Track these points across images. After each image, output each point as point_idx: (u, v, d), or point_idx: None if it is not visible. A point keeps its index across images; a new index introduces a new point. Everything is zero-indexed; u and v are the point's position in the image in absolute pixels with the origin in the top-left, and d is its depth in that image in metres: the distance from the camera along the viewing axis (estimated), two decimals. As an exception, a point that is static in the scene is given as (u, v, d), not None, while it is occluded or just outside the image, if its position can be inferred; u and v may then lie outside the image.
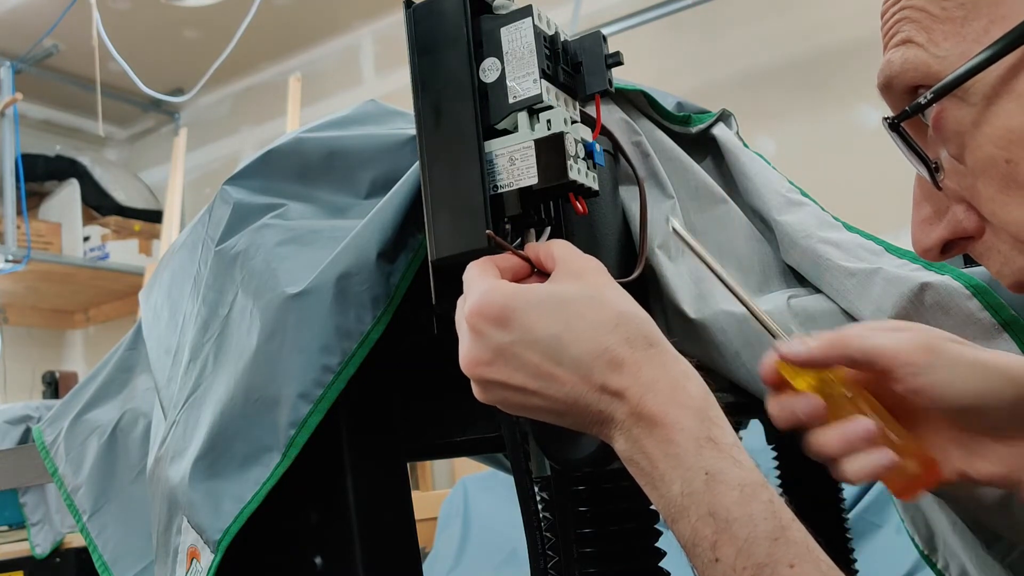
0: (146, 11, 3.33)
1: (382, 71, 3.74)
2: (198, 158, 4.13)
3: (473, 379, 0.52)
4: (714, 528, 0.44)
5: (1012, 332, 0.56)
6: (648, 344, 0.49)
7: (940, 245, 0.49)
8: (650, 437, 0.47)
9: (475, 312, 0.50)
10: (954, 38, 0.45)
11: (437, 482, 3.29)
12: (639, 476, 0.48)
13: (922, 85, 0.46)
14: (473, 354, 0.50)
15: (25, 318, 4.16)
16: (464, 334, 0.51)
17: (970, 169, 0.46)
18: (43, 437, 0.99)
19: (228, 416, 0.65)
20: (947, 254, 0.50)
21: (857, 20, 2.54)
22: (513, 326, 0.49)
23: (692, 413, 0.47)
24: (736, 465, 0.46)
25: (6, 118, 3.44)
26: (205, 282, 0.75)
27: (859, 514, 1.77)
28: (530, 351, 0.49)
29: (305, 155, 0.76)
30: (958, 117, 0.45)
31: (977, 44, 0.44)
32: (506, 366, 0.50)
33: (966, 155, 0.46)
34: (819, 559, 0.44)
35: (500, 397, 0.51)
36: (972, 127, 0.45)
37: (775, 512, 0.44)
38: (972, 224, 0.48)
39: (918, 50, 0.46)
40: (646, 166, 0.70)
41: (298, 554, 0.67)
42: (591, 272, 0.52)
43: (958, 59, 0.44)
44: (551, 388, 0.49)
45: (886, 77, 0.48)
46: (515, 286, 0.51)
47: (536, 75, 0.57)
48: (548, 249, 0.54)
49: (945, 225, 0.49)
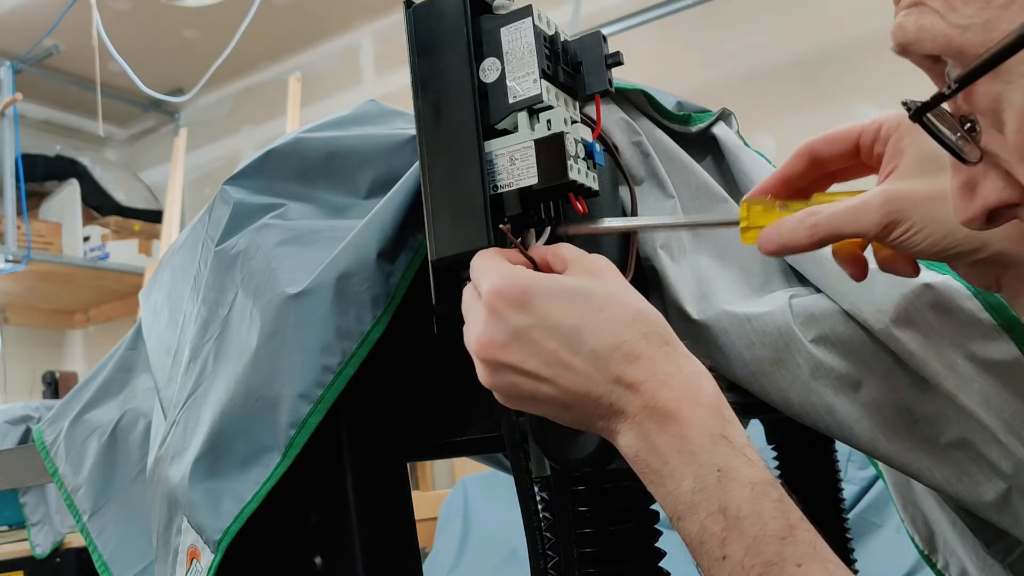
0: (146, 11, 3.34)
1: (382, 71, 3.74)
2: (198, 158, 4.13)
3: (483, 361, 0.51)
4: (724, 525, 0.44)
5: (1013, 334, 0.56)
6: (664, 342, 0.49)
7: (985, 214, 0.43)
8: (662, 432, 0.47)
9: (496, 293, 0.50)
10: (976, 2, 0.38)
11: (437, 482, 3.29)
12: (645, 472, 0.48)
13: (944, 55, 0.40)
14: (488, 335, 0.50)
15: (25, 318, 4.16)
16: (479, 315, 0.51)
17: (1012, 148, 0.40)
18: (43, 437, 0.99)
19: (228, 416, 0.65)
20: (994, 223, 0.44)
21: (858, 19, 2.54)
22: (533, 310, 0.49)
23: (706, 410, 0.47)
24: (748, 463, 0.45)
25: (6, 118, 3.44)
26: (205, 282, 0.75)
27: (859, 514, 1.77)
28: (548, 337, 0.49)
29: (305, 155, 0.76)
30: (992, 95, 0.39)
31: (1007, 10, 0.37)
32: (521, 350, 0.49)
33: (1006, 132, 0.40)
34: (826, 559, 0.43)
35: (508, 382, 0.50)
36: (1012, 108, 0.38)
37: (784, 511, 0.44)
38: (1017, 191, 0.42)
39: (934, 17, 0.39)
40: (646, 166, 0.70)
41: (298, 554, 0.67)
42: (607, 270, 0.52)
43: (983, 30, 0.37)
44: (564, 377, 0.49)
45: (900, 43, 0.41)
46: (536, 272, 0.51)
47: (536, 75, 0.57)
48: (556, 251, 0.54)
49: (988, 190, 0.42)
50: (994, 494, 0.56)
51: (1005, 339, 0.56)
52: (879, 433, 0.59)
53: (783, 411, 0.61)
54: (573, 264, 0.53)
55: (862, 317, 0.59)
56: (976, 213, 0.43)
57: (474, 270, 0.54)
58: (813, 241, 0.52)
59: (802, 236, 0.52)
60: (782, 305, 0.62)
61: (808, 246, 0.53)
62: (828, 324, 0.60)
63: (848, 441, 0.60)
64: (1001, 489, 0.56)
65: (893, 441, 0.58)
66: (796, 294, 0.64)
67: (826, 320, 0.60)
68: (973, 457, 0.57)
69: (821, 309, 0.61)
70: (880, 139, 0.54)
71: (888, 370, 0.59)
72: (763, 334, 0.61)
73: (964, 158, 0.42)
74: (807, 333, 0.60)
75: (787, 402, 0.61)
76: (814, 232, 0.52)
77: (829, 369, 0.60)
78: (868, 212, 0.51)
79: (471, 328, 0.52)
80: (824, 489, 1.03)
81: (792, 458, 1.05)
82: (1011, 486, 0.56)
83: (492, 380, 0.51)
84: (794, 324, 0.61)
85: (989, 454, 0.56)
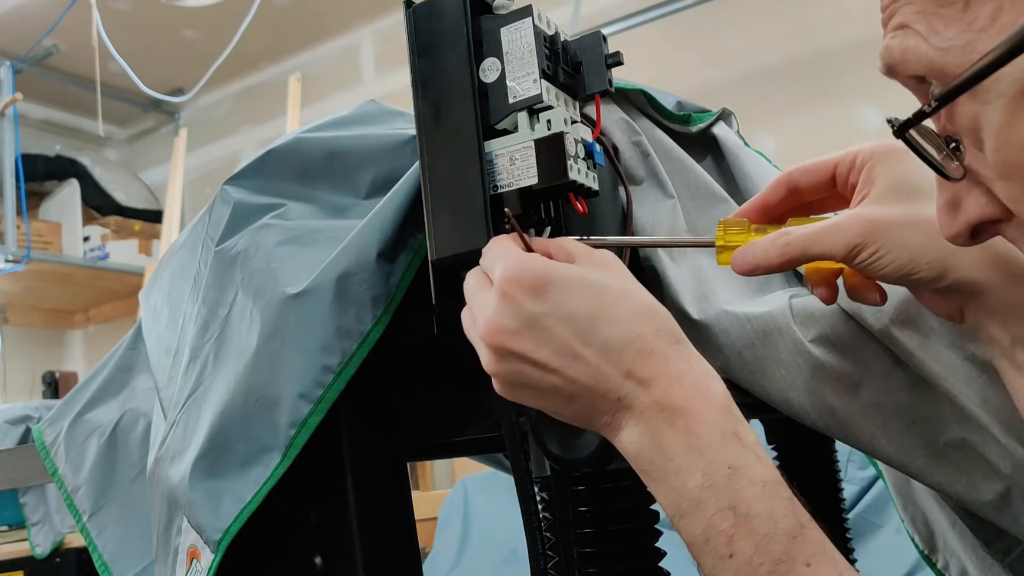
0: (146, 11, 3.34)
1: (382, 71, 3.74)
2: (198, 158, 4.13)
3: (491, 348, 0.50)
4: (733, 522, 0.44)
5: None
6: (675, 339, 0.49)
7: (968, 230, 0.44)
8: (671, 428, 0.46)
9: (510, 278, 0.49)
10: (956, 25, 0.39)
11: (437, 482, 3.29)
12: (647, 470, 0.47)
13: (928, 76, 0.41)
14: (499, 321, 0.49)
15: (25, 318, 4.16)
16: (488, 300, 0.50)
17: (991, 165, 0.41)
18: (43, 437, 0.99)
19: (228, 416, 0.65)
20: (978, 239, 0.45)
21: (858, 20, 2.54)
22: (548, 298, 0.49)
23: (717, 408, 0.47)
24: (759, 461, 0.45)
25: (6, 118, 3.45)
26: (205, 282, 0.75)
27: (859, 514, 1.77)
28: (561, 326, 0.48)
29: (305, 155, 0.76)
30: (971, 114, 0.40)
31: (985, 33, 0.38)
32: (532, 338, 0.49)
33: (985, 150, 0.41)
34: (835, 559, 0.43)
35: (514, 370, 0.50)
36: (990, 128, 0.39)
37: (794, 510, 0.44)
38: (999, 207, 0.43)
39: (918, 39, 0.40)
40: (646, 166, 0.70)
41: (298, 554, 0.67)
42: (617, 265, 0.52)
43: (962, 52, 0.39)
44: (573, 368, 0.48)
45: (887, 64, 0.43)
46: (553, 261, 0.51)
47: (536, 75, 0.57)
48: (560, 244, 0.54)
49: (972, 207, 0.43)
50: (993, 494, 0.56)
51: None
52: (878, 433, 0.59)
53: (783, 411, 0.61)
54: (581, 258, 0.52)
55: (861, 317, 0.59)
56: (960, 229, 0.44)
57: (487, 256, 0.53)
58: (784, 260, 0.53)
59: (773, 255, 0.54)
60: (782, 305, 0.62)
61: (779, 266, 0.54)
62: (828, 324, 0.60)
63: (847, 441, 0.60)
64: (1000, 489, 0.56)
65: (892, 442, 0.58)
66: (796, 294, 0.64)
67: (826, 320, 0.60)
68: (972, 458, 0.57)
69: (821, 309, 0.61)
70: (855, 169, 0.56)
71: (887, 370, 0.59)
72: (763, 334, 0.61)
73: (947, 175, 0.43)
74: (807, 333, 0.60)
75: (787, 402, 0.61)
76: (785, 252, 0.53)
77: (829, 369, 0.60)
78: (837, 234, 0.52)
79: (479, 312, 0.51)
80: (824, 489, 1.03)
81: (792, 458, 1.05)
82: (1010, 486, 0.56)
83: (496, 367, 0.50)
84: (794, 324, 0.61)
85: (988, 454, 0.56)
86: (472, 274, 0.54)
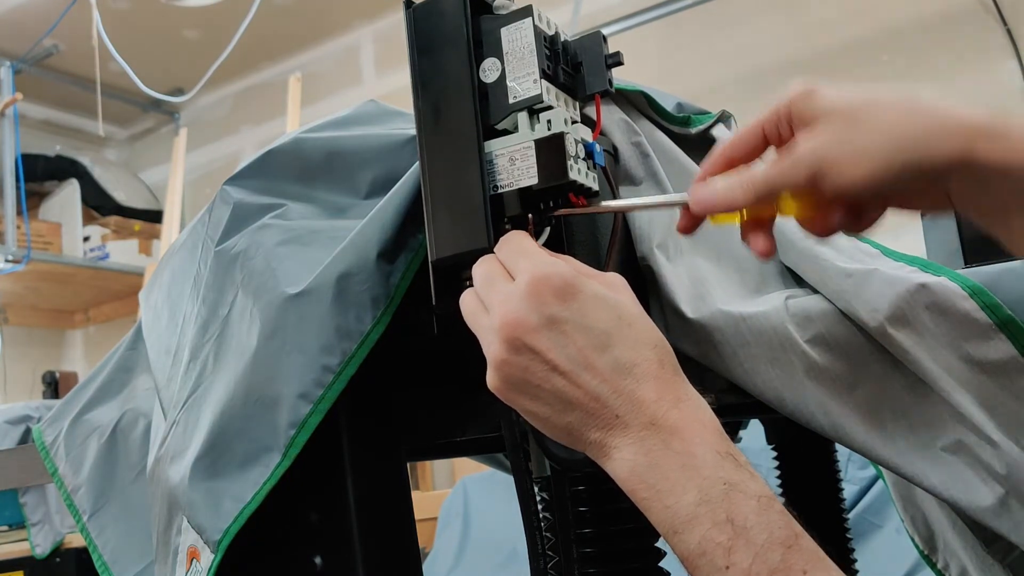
0: (146, 11, 3.33)
1: (382, 71, 3.74)
2: (198, 158, 4.13)
3: (505, 339, 0.50)
4: (731, 534, 0.45)
5: (1008, 332, 0.56)
6: (676, 371, 0.51)
7: None
8: (666, 448, 0.48)
9: (541, 278, 0.50)
10: None
11: (437, 482, 3.29)
12: (639, 489, 0.48)
13: None
14: (522, 314, 0.50)
15: (25, 318, 4.16)
16: (513, 292, 0.51)
17: None
18: (43, 437, 0.99)
19: (228, 416, 0.65)
20: None
21: (857, 20, 2.55)
22: (573, 305, 0.50)
23: (712, 431, 0.49)
24: (753, 479, 0.47)
25: (6, 118, 3.45)
26: (205, 282, 0.75)
27: (859, 514, 1.77)
28: (580, 333, 0.50)
29: (305, 155, 0.76)
30: None
31: None
32: (549, 338, 0.50)
33: None
34: (830, 567, 0.45)
35: (523, 366, 0.50)
36: None
37: (788, 522, 0.46)
38: None
39: None
40: (646, 166, 0.70)
41: (298, 554, 0.67)
42: (626, 289, 0.54)
43: None
44: (582, 376, 0.49)
45: None
46: (576, 270, 0.52)
47: (536, 75, 0.57)
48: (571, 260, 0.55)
49: None
50: (991, 499, 0.56)
51: (1001, 338, 0.56)
52: (875, 435, 0.59)
53: (778, 410, 0.62)
54: (595, 276, 0.53)
55: (857, 316, 0.59)
56: None
57: (506, 248, 0.54)
58: (748, 197, 0.54)
59: (738, 193, 0.54)
60: (777, 305, 0.62)
61: (744, 202, 0.55)
62: (824, 324, 0.60)
63: (843, 442, 0.60)
64: (998, 493, 0.56)
65: (888, 444, 0.58)
66: (793, 295, 0.63)
67: (822, 320, 0.60)
68: (968, 461, 0.56)
69: (817, 310, 0.61)
70: (782, 120, 0.56)
71: (884, 372, 0.59)
72: (758, 333, 0.61)
73: None
74: (803, 333, 0.60)
75: (781, 401, 0.61)
76: (749, 187, 0.54)
77: (824, 369, 0.60)
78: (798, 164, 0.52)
79: (499, 303, 0.51)
80: (824, 489, 1.03)
81: (792, 458, 1.05)
82: (1008, 490, 0.55)
83: (504, 359, 0.51)
84: (789, 324, 0.61)
85: (984, 456, 0.56)
86: (485, 262, 0.54)
